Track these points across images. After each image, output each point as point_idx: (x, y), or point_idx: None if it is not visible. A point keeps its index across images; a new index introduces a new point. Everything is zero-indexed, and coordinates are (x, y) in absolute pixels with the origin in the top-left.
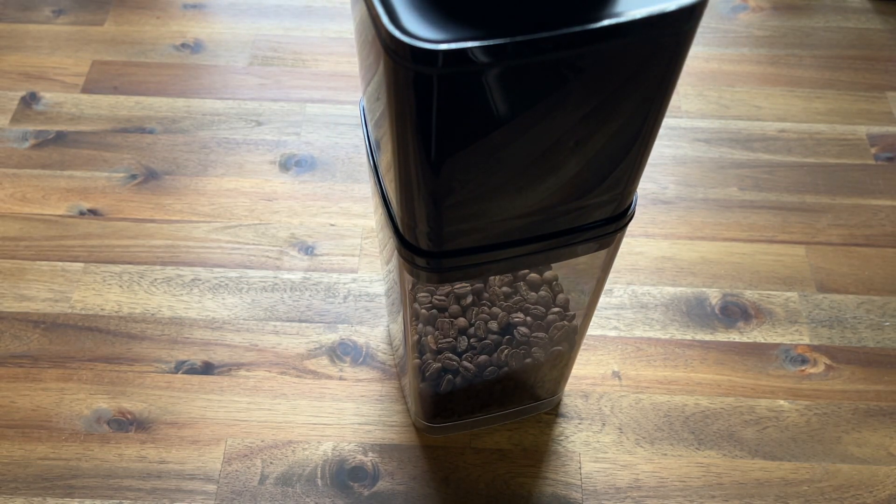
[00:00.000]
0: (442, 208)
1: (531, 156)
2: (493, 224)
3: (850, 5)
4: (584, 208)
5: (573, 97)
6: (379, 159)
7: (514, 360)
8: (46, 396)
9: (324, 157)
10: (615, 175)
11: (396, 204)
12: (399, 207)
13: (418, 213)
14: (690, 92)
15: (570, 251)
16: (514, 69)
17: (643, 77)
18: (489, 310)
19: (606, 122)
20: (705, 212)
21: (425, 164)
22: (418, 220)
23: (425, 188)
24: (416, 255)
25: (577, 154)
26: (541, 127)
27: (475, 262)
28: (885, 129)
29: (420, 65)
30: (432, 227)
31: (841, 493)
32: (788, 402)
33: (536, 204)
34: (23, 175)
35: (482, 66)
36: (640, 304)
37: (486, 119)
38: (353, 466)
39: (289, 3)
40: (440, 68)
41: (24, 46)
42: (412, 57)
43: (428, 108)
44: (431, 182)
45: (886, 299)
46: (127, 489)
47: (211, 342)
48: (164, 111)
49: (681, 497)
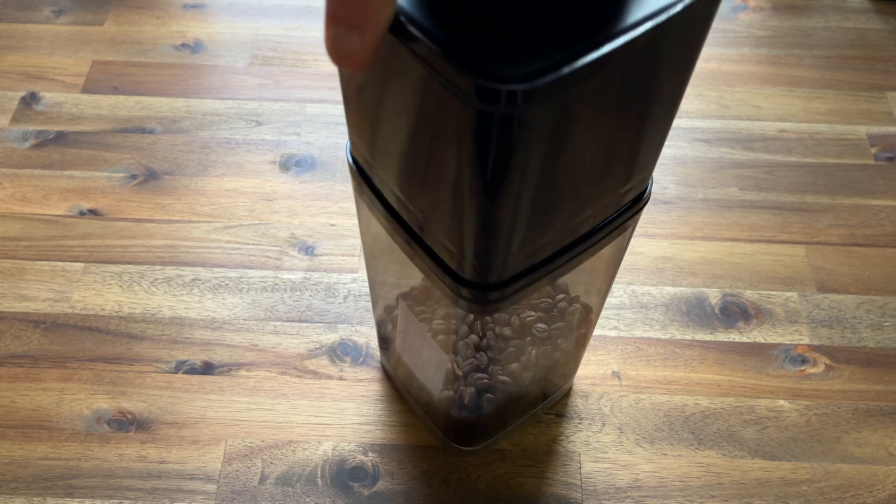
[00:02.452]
0: (498, 239)
1: (591, 167)
2: (544, 242)
3: (850, 5)
4: (620, 199)
5: (632, 99)
6: None
7: (544, 358)
8: (46, 396)
9: (324, 157)
10: (647, 160)
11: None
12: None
13: (466, 244)
14: (690, 92)
15: (599, 245)
16: (589, 89)
17: (679, 59)
18: (493, 317)
19: (652, 112)
20: (705, 212)
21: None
22: (466, 250)
23: (478, 218)
24: (461, 287)
25: (626, 150)
26: (602, 137)
27: (523, 286)
28: (885, 129)
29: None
30: (481, 259)
31: (841, 493)
32: (788, 402)
33: (584, 209)
34: (23, 175)
35: (565, 92)
36: (640, 304)
37: (559, 146)
38: (353, 466)
39: (289, 3)
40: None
41: (24, 46)
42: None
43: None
44: (488, 213)
45: (886, 299)
46: (127, 489)
47: (211, 342)
48: (164, 111)
49: (681, 497)
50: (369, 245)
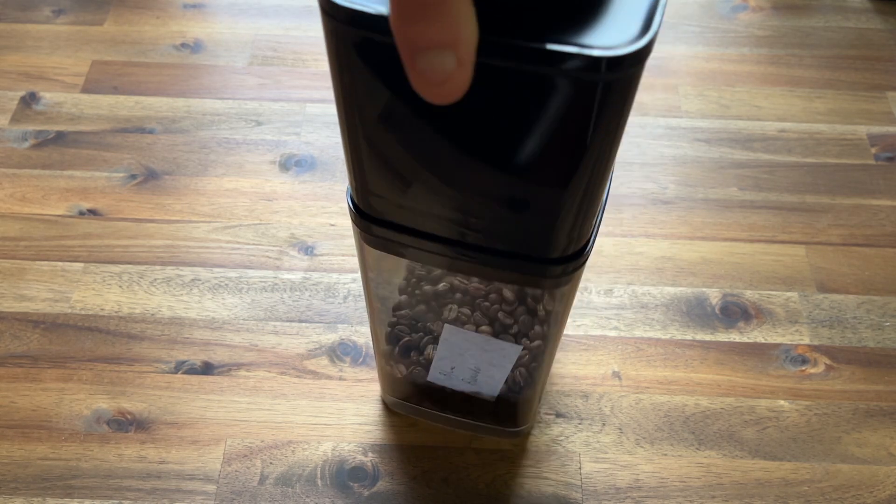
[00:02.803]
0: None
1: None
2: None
3: (851, 5)
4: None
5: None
6: None
7: None
8: (46, 396)
9: (324, 157)
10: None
11: None
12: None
13: (564, 221)
14: (690, 92)
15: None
16: None
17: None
18: None
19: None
20: (705, 212)
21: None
22: (562, 227)
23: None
24: (549, 266)
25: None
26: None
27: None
28: (885, 129)
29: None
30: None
31: (841, 494)
32: (789, 403)
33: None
34: (22, 175)
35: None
36: (640, 304)
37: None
38: (353, 466)
39: (289, 3)
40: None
41: (23, 46)
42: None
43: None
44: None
45: (887, 299)
46: (127, 489)
47: (211, 342)
48: (164, 111)
49: (681, 497)
50: (387, 301)
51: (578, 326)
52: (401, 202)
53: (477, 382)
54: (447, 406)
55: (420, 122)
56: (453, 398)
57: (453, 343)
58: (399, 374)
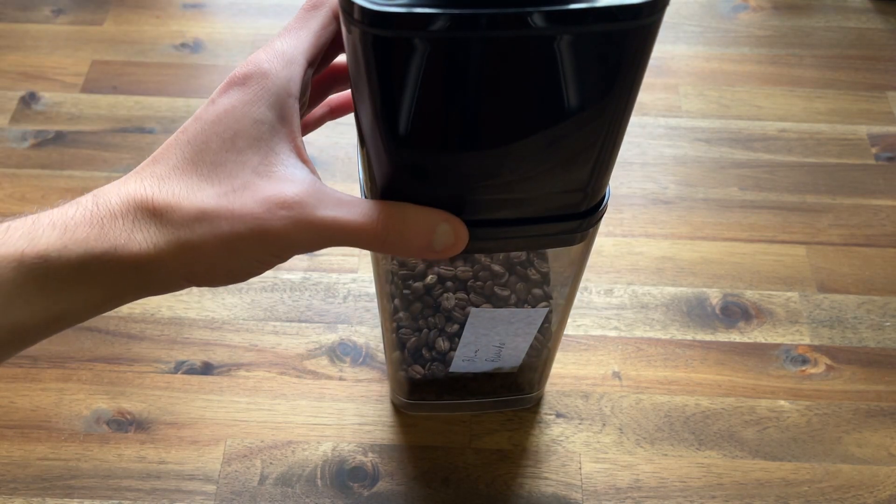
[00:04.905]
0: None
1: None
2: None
3: (851, 5)
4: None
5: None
6: None
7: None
8: (46, 396)
9: (324, 157)
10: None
11: None
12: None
13: (599, 170)
14: (691, 92)
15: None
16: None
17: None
18: None
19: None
20: (705, 212)
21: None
22: (596, 178)
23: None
24: (582, 220)
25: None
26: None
27: None
28: (885, 128)
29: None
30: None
31: (842, 494)
32: (789, 403)
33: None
34: (22, 175)
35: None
36: (640, 305)
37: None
38: (353, 467)
39: (289, 3)
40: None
41: (23, 46)
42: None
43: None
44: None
45: (887, 299)
46: (126, 489)
47: (210, 342)
48: (164, 111)
49: (681, 497)
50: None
51: (578, 326)
52: (432, 194)
53: (501, 358)
54: (467, 391)
55: (463, 105)
56: (474, 381)
57: (478, 326)
58: (418, 376)
